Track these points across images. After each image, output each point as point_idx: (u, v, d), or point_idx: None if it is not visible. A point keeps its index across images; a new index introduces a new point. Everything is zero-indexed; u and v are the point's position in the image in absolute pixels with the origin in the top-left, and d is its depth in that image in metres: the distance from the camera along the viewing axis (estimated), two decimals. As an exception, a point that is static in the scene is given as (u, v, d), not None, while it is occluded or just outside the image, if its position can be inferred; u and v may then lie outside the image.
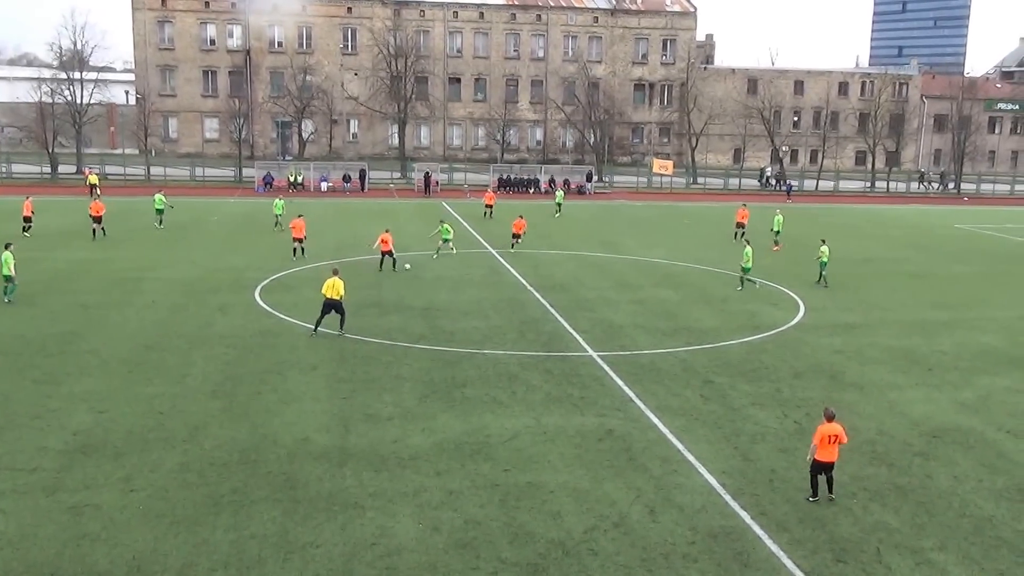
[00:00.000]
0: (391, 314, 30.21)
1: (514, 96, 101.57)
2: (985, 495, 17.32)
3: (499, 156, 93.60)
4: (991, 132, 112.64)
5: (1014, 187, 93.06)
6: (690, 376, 24.21)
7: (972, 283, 39.65)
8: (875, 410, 21.98)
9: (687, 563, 14.44)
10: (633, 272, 39.11)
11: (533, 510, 16.05)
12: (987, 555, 14.95)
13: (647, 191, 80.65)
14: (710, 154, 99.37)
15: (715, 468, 18.07)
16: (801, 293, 35.30)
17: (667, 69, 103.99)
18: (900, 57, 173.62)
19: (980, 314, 33.05)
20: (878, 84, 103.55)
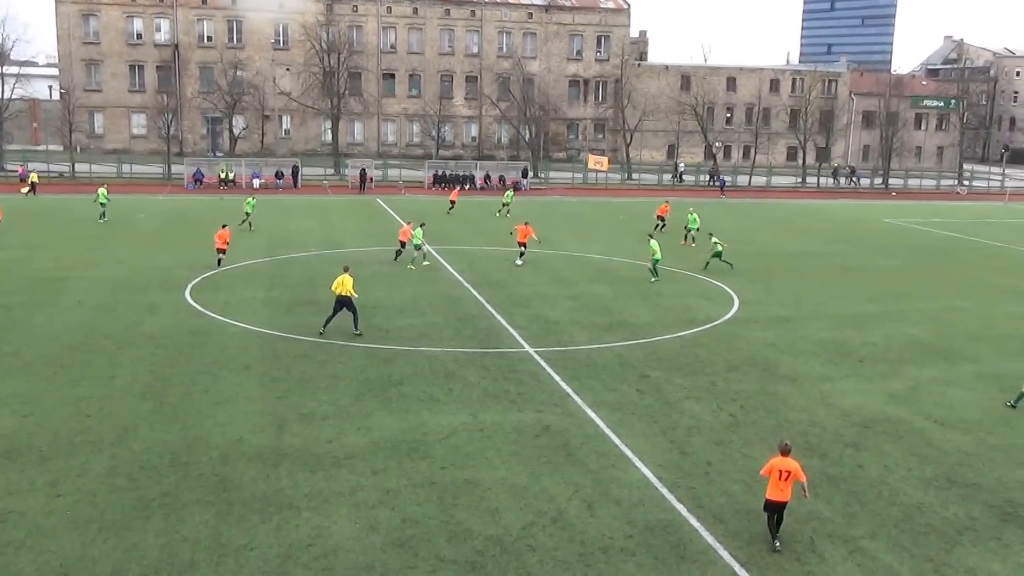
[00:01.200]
0: (325, 311, 29.79)
1: (449, 92, 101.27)
2: (914, 483, 17.68)
3: (434, 152, 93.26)
4: (918, 128, 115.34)
5: (940, 182, 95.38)
6: (626, 371, 24.33)
7: (900, 276, 40.53)
8: (807, 402, 22.32)
9: (625, 557, 14.49)
10: (569, 268, 39.22)
11: (471, 507, 15.97)
12: (916, 542, 15.25)
13: (582, 187, 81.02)
14: (644, 150, 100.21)
15: (652, 462, 18.18)
16: (735, 287, 35.74)
17: (601, 66, 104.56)
18: (829, 55, 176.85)
19: (908, 306, 33.79)
20: (808, 81, 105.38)
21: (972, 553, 14.99)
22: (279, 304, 30.78)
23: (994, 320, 31.97)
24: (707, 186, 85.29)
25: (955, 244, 51.97)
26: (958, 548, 15.11)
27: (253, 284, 33.73)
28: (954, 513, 16.43)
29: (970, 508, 16.63)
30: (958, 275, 41.34)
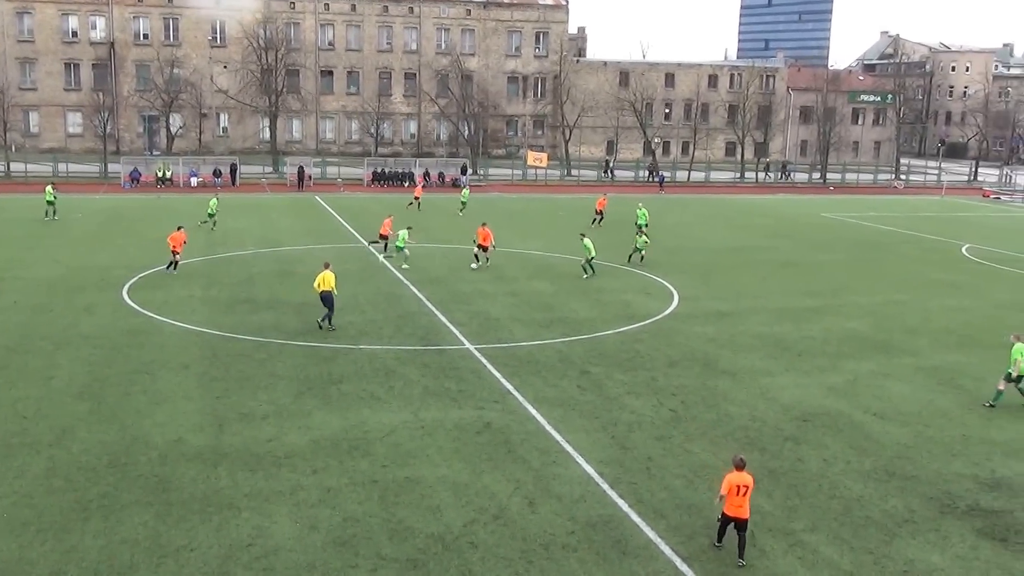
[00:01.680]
0: (264, 311, 29.44)
1: (387, 89, 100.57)
2: (853, 476, 17.89)
3: (373, 149, 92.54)
4: (855, 123, 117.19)
5: (877, 176, 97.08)
6: (567, 367, 24.31)
7: (838, 270, 41.13)
8: (748, 396, 22.49)
9: (567, 553, 14.43)
10: (509, 264, 39.14)
11: (412, 505, 15.82)
12: (856, 534, 15.42)
13: (522, 183, 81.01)
14: (584, 146, 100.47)
15: (593, 458, 18.16)
16: (675, 282, 35.95)
17: (540, 62, 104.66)
18: (767, 50, 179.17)
19: (846, 300, 34.28)
20: (746, 77, 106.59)
21: (911, 545, 15.19)
22: (218, 303, 30.26)
23: (931, 313, 32.57)
24: (646, 182, 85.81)
25: (892, 238, 52.91)
26: (897, 540, 15.30)
27: (191, 283, 33.13)
28: (893, 505, 16.65)
29: (909, 500, 16.86)
30: (895, 269, 42.07)
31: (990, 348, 27.74)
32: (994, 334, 29.62)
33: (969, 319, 31.77)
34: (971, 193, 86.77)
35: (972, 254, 47.25)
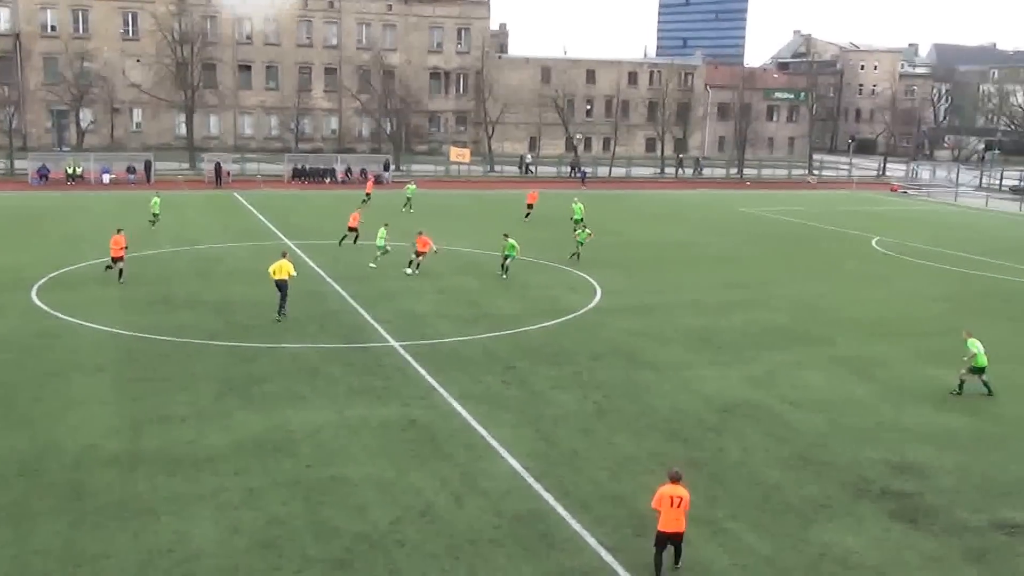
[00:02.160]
0: (182, 310, 28.88)
1: (308, 84, 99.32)
2: (772, 464, 18.30)
3: (293, 146, 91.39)
4: (770, 120, 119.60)
5: (791, 172, 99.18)
6: (492, 362, 24.37)
7: (757, 264, 41.94)
8: (671, 388, 22.82)
9: (494, 548, 14.49)
10: (434, 261, 38.97)
11: (337, 504, 15.70)
12: (775, 521, 15.78)
13: (445, 179, 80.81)
14: (506, 142, 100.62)
15: (519, 452, 18.25)
16: (598, 277, 36.26)
17: (462, 58, 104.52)
18: (685, 48, 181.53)
19: (765, 293, 34.99)
20: (665, 74, 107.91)
21: (828, 529, 15.61)
22: (134, 303, 29.58)
23: (845, 304, 33.41)
24: (568, 177, 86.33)
25: (807, 232, 54.15)
26: (814, 525, 15.70)
27: (106, 283, 32.31)
28: (810, 491, 17.08)
29: (825, 486, 17.31)
30: (811, 262, 43.07)
31: (901, 337, 28.65)
32: (904, 324, 30.59)
33: (880, 309, 32.69)
34: (880, 188, 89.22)
35: (882, 246, 48.62)
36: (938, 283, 38.38)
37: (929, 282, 38.58)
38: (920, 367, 25.44)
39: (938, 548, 15.09)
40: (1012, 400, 22.39)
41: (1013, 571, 14.45)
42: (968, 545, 15.23)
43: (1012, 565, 14.63)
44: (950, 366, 25.39)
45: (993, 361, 25.64)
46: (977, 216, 68.08)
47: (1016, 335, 29.52)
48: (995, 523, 16.03)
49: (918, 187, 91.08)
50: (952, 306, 33.63)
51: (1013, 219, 66.80)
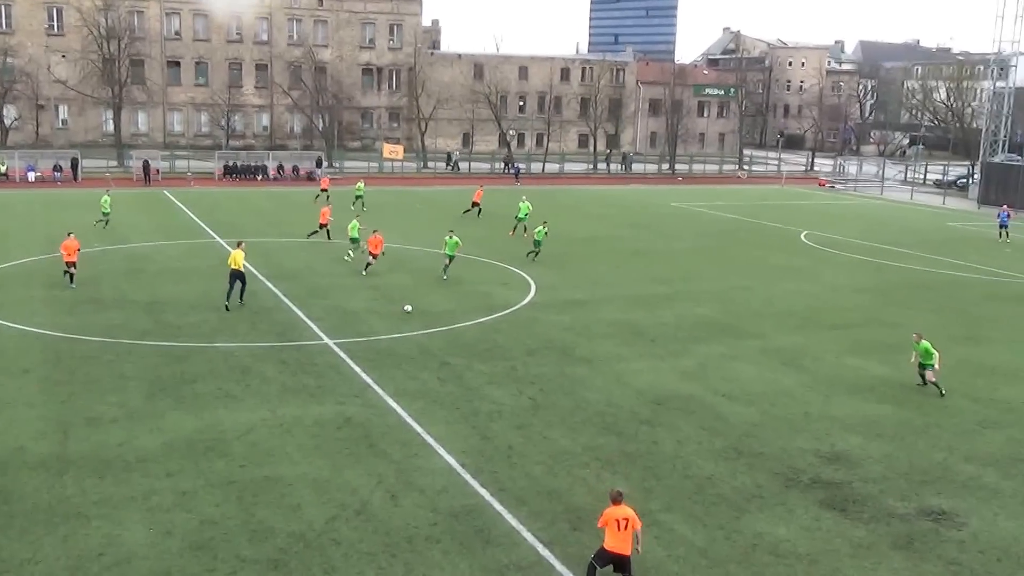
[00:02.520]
0: (111, 310, 28.30)
1: (238, 80, 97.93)
2: (705, 456, 18.55)
3: (224, 142, 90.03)
4: (700, 116, 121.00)
5: (722, 167, 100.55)
6: (427, 359, 24.32)
7: (688, 258, 42.47)
8: (604, 382, 23.01)
9: (430, 544, 14.47)
10: (368, 257, 38.79)
11: (272, 504, 15.55)
12: (709, 512, 16.01)
13: (378, 176, 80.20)
14: (440, 138, 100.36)
15: (454, 448, 18.25)
16: (532, 273, 36.38)
17: (395, 54, 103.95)
18: (616, 44, 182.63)
19: (696, 287, 35.45)
20: (597, 70, 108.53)
21: (759, 519, 15.88)
22: (61, 303, 28.91)
23: (775, 297, 34.01)
24: (502, 173, 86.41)
25: (738, 226, 54.95)
26: (747, 515, 15.97)
27: (30, 283, 31.53)
28: (742, 482, 17.36)
29: (756, 476, 17.61)
30: (741, 255, 43.74)
31: (829, 329, 29.28)
32: (831, 315, 31.25)
33: (809, 302, 33.34)
34: (808, 182, 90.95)
35: (810, 240, 49.57)
36: (864, 275, 39.25)
37: (856, 274, 39.43)
38: (847, 358, 26.01)
39: (867, 536, 15.46)
40: (934, 389, 22.98)
41: (939, 556, 14.85)
42: (896, 532, 15.62)
43: (938, 550, 15.03)
44: (875, 356, 26.10)
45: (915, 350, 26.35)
46: (902, 209, 69.76)
47: (939, 326, 30.30)
48: (921, 510, 16.47)
49: (845, 181, 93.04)
50: (877, 298, 34.43)
51: (937, 212, 68.59)
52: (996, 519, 16.25)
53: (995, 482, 17.84)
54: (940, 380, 22.95)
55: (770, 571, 14.18)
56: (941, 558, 14.80)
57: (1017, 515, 16.44)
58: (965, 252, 46.83)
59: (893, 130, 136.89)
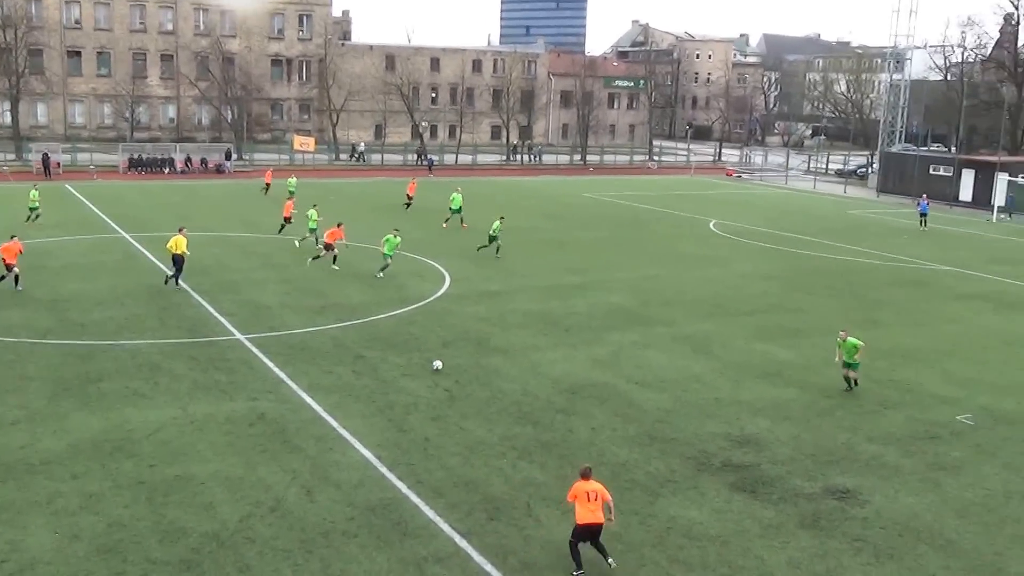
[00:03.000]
0: (10, 308, 27.35)
1: (143, 71, 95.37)
2: (619, 442, 18.81)
3: (129, 135, 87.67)
4: (611, 107, 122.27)
5: (633, 158, 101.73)
6: (341, 352, 24.13)
7: (600, 248, 42.89)
8: (519, 372, 23.13)
9: (347, 539, 14.39)
10: (279, 251, 38.28)
11: (183, 504, 15.26)
12: (623, 497, 16.22)
13: (290, 168, 78.97)
14: (352, 130, 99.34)
15: (371, 442, 18.16)
16: (446, 264, 36.34)
17: (304, 45, 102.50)
18: (528, 36, 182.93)
19: (609, 276, 35.84)
20: (509, 62, 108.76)
21: (673, 503, 16.19)
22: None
23: (685, 286, 34.59)
24: (415, 165, 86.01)
25: (649, 216, 55.70)
26: (660, 499, 16.26)
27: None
28: (656, 467, 17.65)
29: (669, 461, 17.93)
30: (652, 245, 44.37)
31: (737, 316, 29.93)
32: (739, 302, 31.94)
33: (718, 289, 34.00)
34: (716, 172, 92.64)
35: (719, 229, 50.54)
36: (770, 263, 40.19)
37: (762, 262, 40.35)
38: (754, 343, 26.63)
39: (776, 516, 15.88)
40: (837, 371, 23.66)
41: (844, 533, 15.34)
42: (803, 511, 16.08)
43: (843, 528, 15.53)
44: (781, 341, 26.79)
45: (819, 334, 27.27)
46: (806, 198, 71.58)
47: (840, 310, 31.25)
48: (827, 489, 16.98)
49: (752, 171, 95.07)
50: (782, 284, 35.31)
51: (838, 200, 70.54)
52: (897, 495, 16.86)
53: (896, 460, 18.50)
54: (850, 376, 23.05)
55: (684, 553, 14.47)
56: (846, 535, 15.30)
57: (916, 491, 17.09)
58: (865, 239, 48.30)
59: (796, 121, 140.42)
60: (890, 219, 58.94)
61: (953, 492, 17.15)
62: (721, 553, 14.54)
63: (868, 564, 14.41)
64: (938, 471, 18.09)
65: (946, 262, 41.90)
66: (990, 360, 26.08)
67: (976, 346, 27.55)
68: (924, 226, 53.56)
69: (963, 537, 15.40)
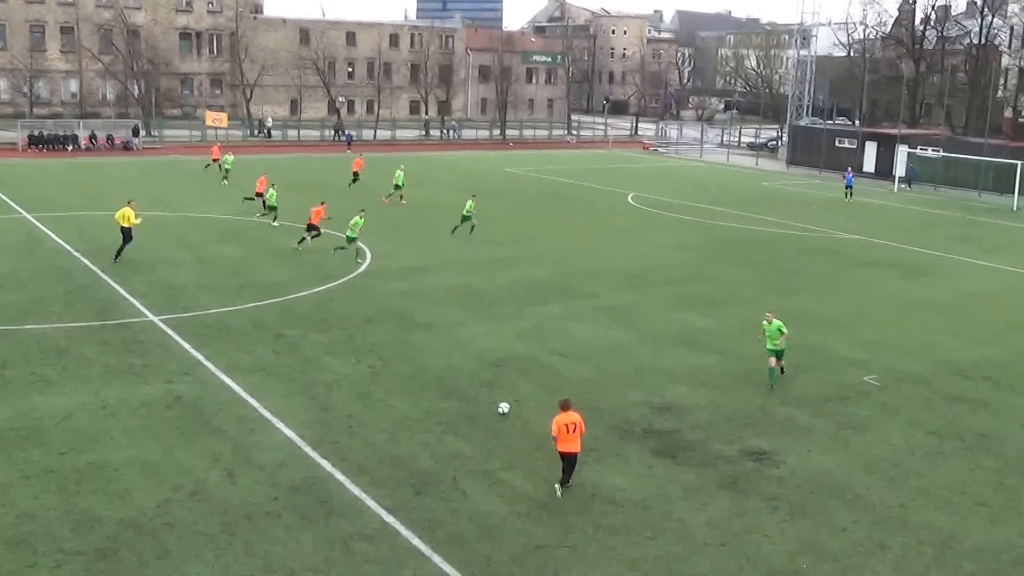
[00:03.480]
0: (-93, 294, 26.20)
1: (41, 44, 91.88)
2: (544, 414, 18.74)
3: (28, 110, 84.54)
4: (529, 82, 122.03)
5: (552, 132, 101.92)
6: (261, 332, 23.67)
7: (521, 222, 42.87)
8: (443, 347, 22.99)
9: (271, 520, 14.13)
10: (192, 230, 37.38)
11: (97, 492, 14.79)
12: (548, 467, 16.25)
13: (202, 145, 77.11)
14: (266, 105, 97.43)
15: (293, 421, 17.86)
16: (367, 240, 35.82)
17: (214, 17, 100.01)
18: (445, 11, 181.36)
19: (531, 249, 35.86)
20: (426, 37, 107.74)
21: (597, 470, 16.28)
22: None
23: (605, 258, 34.79)
24: (333, 141, 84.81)
25: (569, 189, 55.85)
26: (585, 468, 16.31)
27: None
28: (579, 436, 17.71)
29: (593, 430, 17.96)
30: (573, 218, 44.50)
31: (656, 286, 30.26)
32: (658, 273, 32.28)
33: (637, 261, 34.29)
34: (633, 146, 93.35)
35: (637, 202, 50.97)
36: (687, 234, 40.68)
37: (679, 233, 40.82)
38: (673, 313, 26.93)
39: (696, 479, 16.10)
40: (752, 338, 24.06)
41: (760, 493, 15.64)
42: (722, 474, 16.35)
43: (760, 488, 15.84)
44: (698, 310, 27.19)
45: (735, 303, 27.81)
46: (720, 171, 72.60)
47: (754, 279, 31.83)
48: (744, 451, 17.30)
49: (667, 145, 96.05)
50: (699, 255, 35.77)
51: (751, 173, 71.73)
52: (809, 455, 17.29)
53: (808, 421, 18.96)
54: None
55: (608, 519, 14.58)
56: (763, 495, 15.61)
57: (827, 450, 17.56)
58: (776, 209, 49.23)
59: (709, 96, 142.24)
60: (800, 190, 60.17)
61: (861, 449, 17.68)
62: (644, 518, 14.69)
63: (784, 521, 14.74)
64: (847, 430, 18.61)
65: (853, 231, 42.94)
66: (894, 323, 26.88)
67: (882, 311, 28.34)
68: (849, 198, 54.70)
69: (871, 492, 15.90)
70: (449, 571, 12.96)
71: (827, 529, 14.57)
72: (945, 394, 20.96)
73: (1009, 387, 21.61)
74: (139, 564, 12.84)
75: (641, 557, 13.54)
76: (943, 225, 47.02)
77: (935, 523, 14.89)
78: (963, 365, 23.11)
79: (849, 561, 13.66)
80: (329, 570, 12.88)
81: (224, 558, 13.08)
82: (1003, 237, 44.18)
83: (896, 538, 14.39)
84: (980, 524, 14.92)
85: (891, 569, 13.50)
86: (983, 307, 29.39)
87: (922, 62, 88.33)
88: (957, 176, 62.30)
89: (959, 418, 19.51)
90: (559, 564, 13.28)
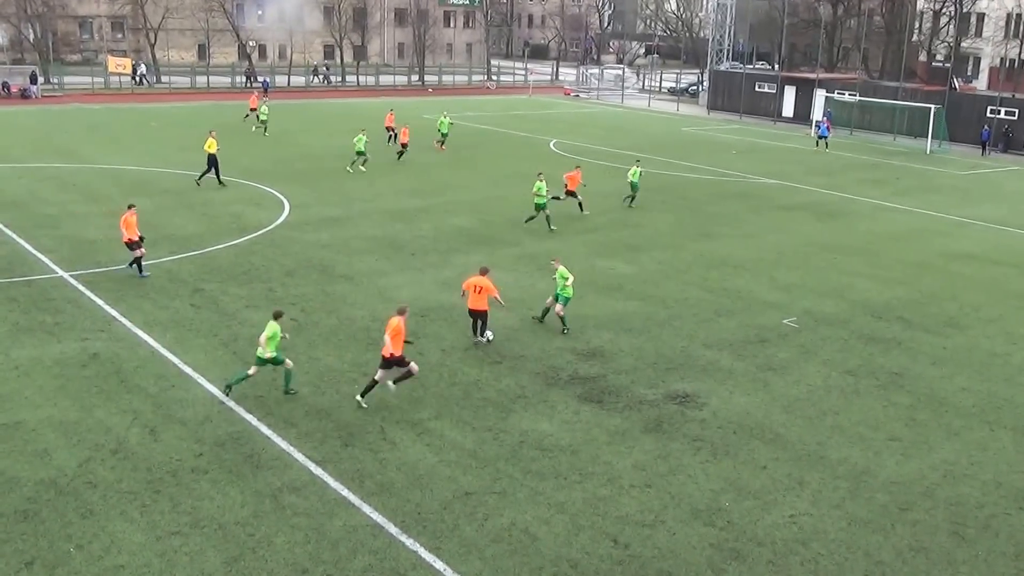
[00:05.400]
0: None
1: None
2: (470, 363, 18.91)
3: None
4: (447, 26, 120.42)
5: (471, 78, 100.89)
6: (178, 286, 23.19)
7: (441, 170, 42.53)
8: (366, 298, 22.83)
9: (197, 476, 13.98)
10: (100, 182, 36.24)
11: (14, 453, 14.43)
12: (477, 415, 16.39)
13: (105, 92, 74.52)
14: (172, 51, 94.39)
15: (216, 376, 17.61)
16: (284, 191, 35.31)
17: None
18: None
19: (452, 198, 35.66)
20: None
21: (524, 417, 16.44)
22: None
23: (527, 206, 34.60)
24: (244, 87, 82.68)
25: (489, 137, 55.55)
26: (512, 415, 16.48)
27: None
28: (507, 384, 17.85)
29: (519, 378, 18.16)
30: (494, 166, 44.33)
31: (578, 233, 30.45)
32: (580, 220, 32.43)
33: (558, 208, 34.29)
34: (555, 92, 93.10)
35: (558, 148, 50.97)
36: (608, 180, 40.80)
37: (601, 180, 40.92)
38: (595, 260, 27.15)
39: (622, 423, 16.38)
40: (674, 283, 24.50)
41: (684, 435, 16.00)
42: (647, 417, 16.66)
43: (683, 430, 16.20)
44: (620, 257, 27.45)
45: (655, 248, 28.20)
46: (641, 117, 72.91)
47: (676, 224, 32.23)
48: (668, 395, 17.64)
49: (588, 90, 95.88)
50: (620, 202, 35.96)
51: (671, 118, 72.20)
52: (731, 397, 17.72)
53: (729, 364, 19.39)
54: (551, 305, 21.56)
55: (536, 465, 14.76)
56: (686, 436, 15.98)
57: (748, 391, 18.01)
58: (697, 155, 49.76)
59: (630, 40, 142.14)
60: (720, 135, 60.82)
61: (780, 390, 18.18)
62: (572, 462, 14.91)
63: (706, 462, 15.12)
64: (767, 371, 19.09)
65: (771, 175, 43.70)
66: (811, 266, 27.55)
67: (799, 254, 28.99)
68: (825, 147, 54.15)
69: (790, 431, 16.39)
70: (380, 520, 13.00)
71: (748, 468, 14.98)
72: (860, 334, 21.62)
73: (920, 326, 22.38)
74: (62, 524, 12.61)
75: (569, 500, 13.76)
76: (858, 169, 48.09)
77: (851, 458, 15.43)
78: (877, 306, 23.83)
79: (769, 497, 14.09)
80: (258, 523, 12.81)
81: (150, 515, 12.92)
82: (915, 180, 45.42)
83: (814, 474, 14.88)
84: (892, 458, 15.51)
85: (809, 504, 13.97)
86: (895, 248, 30.27)
87: (840, 5, 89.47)
88: (873, 120, 63.60)
89: (874, 357, 20.16)
90: (489, 509, 13.42)
